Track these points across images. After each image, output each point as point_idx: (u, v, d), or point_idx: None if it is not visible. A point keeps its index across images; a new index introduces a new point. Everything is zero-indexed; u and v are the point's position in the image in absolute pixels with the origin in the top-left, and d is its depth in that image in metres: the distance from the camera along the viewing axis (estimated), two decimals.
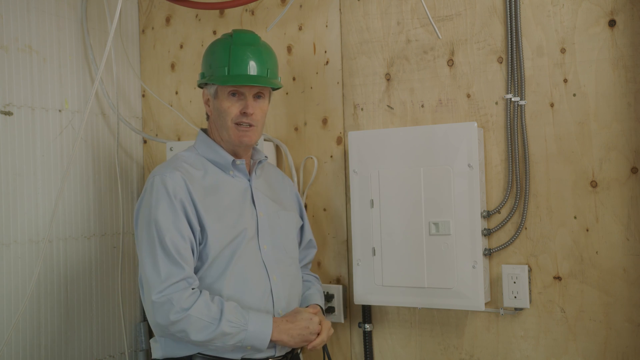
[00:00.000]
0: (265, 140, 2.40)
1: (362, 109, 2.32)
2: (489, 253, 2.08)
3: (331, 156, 2.37)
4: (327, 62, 2.38)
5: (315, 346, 1.91)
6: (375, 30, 2.29)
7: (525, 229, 2.06)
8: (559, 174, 2.02)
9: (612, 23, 1.95)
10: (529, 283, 2.05)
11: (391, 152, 2.15)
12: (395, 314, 2.26)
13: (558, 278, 2.02)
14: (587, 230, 1.98)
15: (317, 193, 2.39)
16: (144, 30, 2.76)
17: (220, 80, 1.91)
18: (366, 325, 2.27)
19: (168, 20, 2.70)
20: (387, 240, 2.14)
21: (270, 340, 1.81)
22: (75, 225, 2.44)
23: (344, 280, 2.35)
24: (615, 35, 1.95)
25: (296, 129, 2.43)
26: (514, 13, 2.06)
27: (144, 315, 2.69)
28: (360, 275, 2.20)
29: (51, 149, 2.37)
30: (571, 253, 2.00)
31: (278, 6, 2.47)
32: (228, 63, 1.91)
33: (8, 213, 2.21)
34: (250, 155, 2.02)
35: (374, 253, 2.17)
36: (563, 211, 2.01)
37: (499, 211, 2.09)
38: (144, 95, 2.77)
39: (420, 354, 2.22)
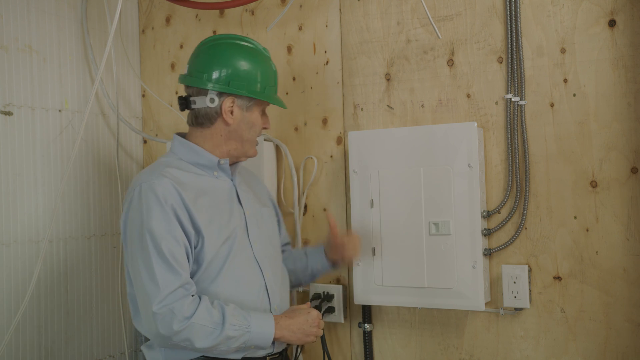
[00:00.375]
0: (265, 140, 2.40)
1: (362, 109, 2.32)
2: (489, 253, 2.08)
3: (331, 156, 2.37)
4: (327, 62, 2.38)
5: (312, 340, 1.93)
6: (375, 30, 2.29)
7: (525, 229, 2.06)
8: (559, 174, 2.02)
9: (612, 23, 1.95)
10: (529, 283, 2.05)
11: (391, 152, 2.15)
12: (395, 314, 2.26)
13: (558, 278, 2.02)
14: (587, 230, 1.98)
15: (317, 193, 2.39)
16: (144, 30, 2.76)
17: (275, 100, 1.96)
18: (366, 325, 2.27)
19: (168, 20, 2.70)
20: (387, 240, 2.14)
21: (273, 338, 1.82)
22: (75, 225, 2.44)
23: (344, 280, 2.35)
24: (615, 35, 1.95)
25: (296, 129, 2.43)
26: (514, 13, 2.06)
27: None
28: (360, 275, 2.20)
29: (51, 149, 2.37)
30: (571, 253, 2.00)
31: (278, 6, 2.47)
32: (274, 84, 1.97)
33: (8, 213, 2.21)
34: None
35: (374, 253, 2.17)
36: (563, 211, 2.01)
37: (499, 211, 2.09)
38: (144, 95, 2.77)
39: (420, 354, 2.22)
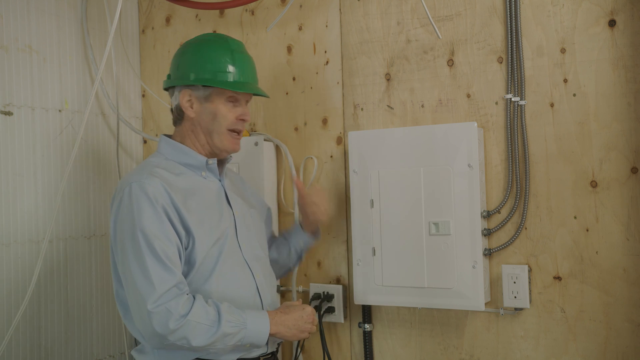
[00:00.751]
0: (265, 140, 2.40)
1: (362, 109, 2.32)
2: (489, 253, 2.08)
3: (331, 156, 2.37)
4: (327, 62, 2.38)
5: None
6: (375, 30, 2.29)
7: (525, 229, 2.06)
8: (559, 174, 2.02)
9: (612, 23, 1.95)
10: (529, 283, 2.05)
11: (391, 152, 2.15)
12: (395, 314, 2.26)
13: (558, 278, 2.02)
14: (587, 230, 1.98)
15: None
16: (144, 30, 2.76)
17: (227, 84, 1.89)
18: (366, 325, 2.27)
19: (168, 20, 2.70)
20: (387, 240, 2.14)
21: (269, 334, 1.81)
22: (75, 225, 2.44)
23: (344, 280, 2.35)
24: (615, 35, 1.95)
25: (296, 129, 2.43)
26: (514, 13, 2.06)
27: None
28: (360, 275, 2.20)
29: (51, 149, 2.37)
30: (571, 253, 2.00)
31: (278, 6, 2.47)
32: (234, 69, 1.91)
33: (8, 213, 2.21)
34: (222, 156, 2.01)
35: (374, 253, 2.17)
36: (563, 211, 2.01)
37: (499, 211, 2.09)
38: (144, 95, 2.77)
39: (420, 354, 2.22)
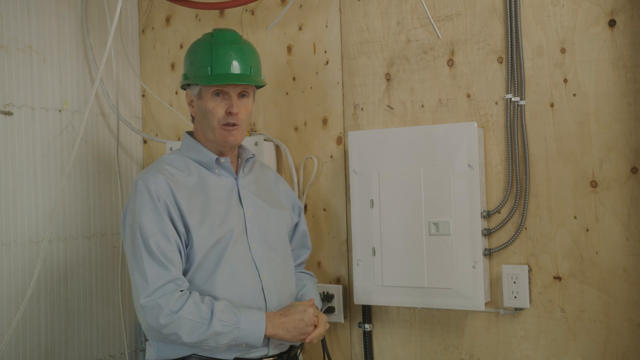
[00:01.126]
0: (265, 140, 2.40)
1: (362, 109, 2.32)
2: (489, 253, 2.08)
3: (331, 156, 2.37)
4: (327, 62, 2.38)
5: (312, 340, 1.89)
6: (375, 30, 2.29)
7: (525, 229, 2.06)
8: (559, 174, 2.02)
9: (612, 23, 1.95)
10: (529, 283, 2.05)
11: (391, 152, 2.15)
12: (395, 314, 2.26)
13: (558, 278, 2.02)
14: (587, 230, 1.98)
15: (317, 193, 2.39)
16: (144, 30, 2.76)
17: (204, 80, 1.89)
18: (366, 325, 2.27)
19: (168, 20, 2.70)
20: (387, 240, 2.14)
21: (265, 336, 1.80)
22: (75, 225, 2.44)
23: (344, 280, 2.35)
24: (615, 35, 1.95)
25: (296, 129, 2.43)
26: (514, 13, 2.06)
27: None
28: (360, 275, 2.20)
29: (51, 149, 2.37)
30: (571, 253, 2.01)
31: (278, 6, 2.47)
32: (210, 62, 1.89)
33: (8, 213, 2.21)
34: (236, 154, 2.01)
35: (374, 253, 2.17)
36: (563, 211, 2.01)
37: (499, 211, 2.09)
38: (144, 95, 2.77)
39: (420, 354, 2.22)
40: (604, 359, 1.97)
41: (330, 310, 2.32)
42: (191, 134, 2.00)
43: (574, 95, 2.00)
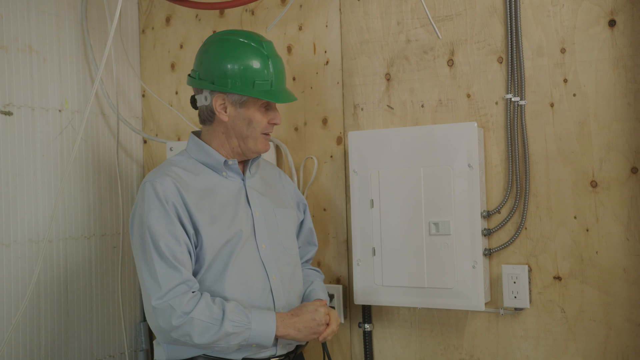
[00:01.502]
0: None
1: (362, 109, 2.32)
2: (489, 253, 2.08)
3: (331, 156, 2.37)
4: (327, 62, 2.38)
5: (326, 337, 1.90)
6: (375, 30, 2.29)
7: (525, 229, 2.06)
8: (559, 174, 2.02)
9: (612, 23, 1.95)
10: (529, 283, 2.05)
11: (391, 152, 2.15)
12: (395, 314, 2.26)
13: (558, 278, 2.02)
14: (587, 230, 1.98)
15: (317, 193, 2.39)
16: (144, 30, 2.76)
17: (265, 95, 1.87)
18: (366, 325, 2.28)
19: (168, 20, 2.70)
20: (387, 240, 2.14)
21: (276, 336, 1.81)
22: (75, 225, 2.44)
23: (344, 280, 2.35)
24: (615, 35, 1.95)
25: (296, 129, 2.43)
26: (514, 13, 2.06)
27: (144, 316, 2.69)
28: (360, 275, 2.20)
29: (51, 149, 2.37)
30: (571, 253, 2.01)
31: (278, 6, 2.47)
32: (270, 77, 1.89)
33: (8, 213, 2.21)
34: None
35: (374, 253, 2.17)
36: (563, 211, 2.01)
37: (499, 211, 2.09)
38: (144, 95, 2.77)
39: (420, 354, 2.22)
40: (604, 359, 1.97)
41: None
42: (197, 134, 1.99)
43: (574, 95, 2.00)
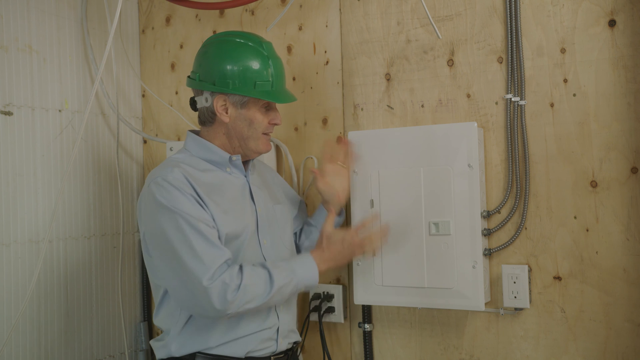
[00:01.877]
0: None
1: (362, 109, 2.32)
2: (489, 253, 2.08)
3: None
4: (327, 62, 2.38)
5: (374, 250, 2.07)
6: (375, 30, 2.29)
7: (525, 229, 2.06)
8: (559, 174, 2.02)
9: (612, 23, 1.95)
10: (529, 283, 2.05)
11: (391, 152, 2.15)
12: (395, 314, 2.26)
13: (558, 278, 2.02)
14: (587, 230, 1.98)
15: (317, 193, 2.39)
16: (144, 30, 2.76)
17: (266, 95, 1.89)
18: (366, 325, 2.27)
19: (168, 20, 2.70)
20: (387, 240, 2.14)
21: (320, 273, 1.89)
22: (75, 225, 2.44)
23: (344, 280, 2.35)
24: (615, 35, 1.95)
25: (296, 129, 2.43)
26: (514, 13, 2.06)
27: (144, 315, 2.69)
28: (360, 275, 2.20)
29: (51, 149, 2.37)
30: (571, 253, 2.00)
31: (278, 6, 2.47)
32: (270, 77, 1.90)
33: (8, 213, 2.21)
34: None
35: (374, 253, 2.16)
36: (563, 211, 2.01)
37: (499, 211, 2.09)
38: (144, 95, 2.77)
39: (420, 354, 2.22)
40: (603, 359, 1.97)
41: (330, 310, 2.32)
42: (196, 133, 2.00)
43: (574, 95, 2.00)
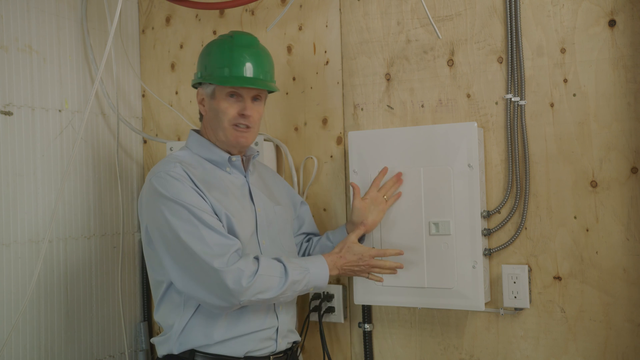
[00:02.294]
0: (265, 140, 2.40)
1: (362, 109, 2.32)
2: (489, 253, 2.08)
3: (331, 156, 2.37)
4: (327, 62, 2.38)
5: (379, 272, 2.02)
6: (375, 30, 2.29)
7: (525, 229, 2.06)
8: (559, 174, 2.02)
9: (612, 23, 1.95)
10: (529, 283, 2.05)
11: (391, 152, 2.15)
12: (395, 314, 2.26)
13: (558, 278, 2.02)
14: (587, 230, 1.98)
15: (317, 193, 2.39)
16: (144, 30, 2.76)
17: (220, 80, 1.91)
18: (366, 325, 2.27)
19: (168, 20, 2.70)
20: (387, 240, 2.14)
21: (330, 276, 1.90)
22: (75, 225, 2.44)
23: (344, 280, 2.35)
24: (615, 35, 1.95)
25: (296, 129, 2.43)
26: (514, 13, 2.06)
27: (144, 315, 2.70)
28: None
29: (51, 149, 2.37)
30: (571, 253, 2.00)
31: (278, 6, 2.47)
32: (229, 64, 1.92)
33: (8, 213, 2.21)
34: (243, 152, 2.03)
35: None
36: (563, 211, 2.01)
37: (499, 211, 2.09)
38: (144, 95, 2.77)
39: (420, 354, 2.22)
40: (604, 359, 1.97)
41: (330, 310, 2.32)
42: (198, 132, 2.02)
43: (574, 95, 2.00)
